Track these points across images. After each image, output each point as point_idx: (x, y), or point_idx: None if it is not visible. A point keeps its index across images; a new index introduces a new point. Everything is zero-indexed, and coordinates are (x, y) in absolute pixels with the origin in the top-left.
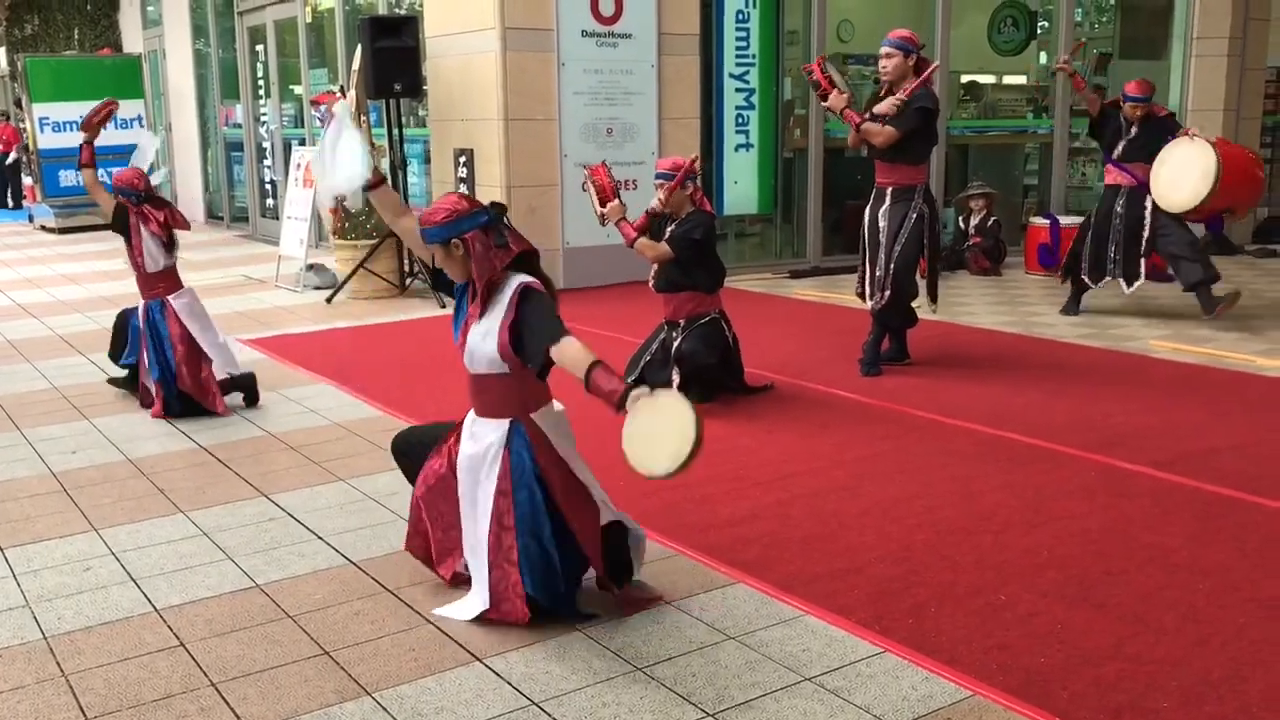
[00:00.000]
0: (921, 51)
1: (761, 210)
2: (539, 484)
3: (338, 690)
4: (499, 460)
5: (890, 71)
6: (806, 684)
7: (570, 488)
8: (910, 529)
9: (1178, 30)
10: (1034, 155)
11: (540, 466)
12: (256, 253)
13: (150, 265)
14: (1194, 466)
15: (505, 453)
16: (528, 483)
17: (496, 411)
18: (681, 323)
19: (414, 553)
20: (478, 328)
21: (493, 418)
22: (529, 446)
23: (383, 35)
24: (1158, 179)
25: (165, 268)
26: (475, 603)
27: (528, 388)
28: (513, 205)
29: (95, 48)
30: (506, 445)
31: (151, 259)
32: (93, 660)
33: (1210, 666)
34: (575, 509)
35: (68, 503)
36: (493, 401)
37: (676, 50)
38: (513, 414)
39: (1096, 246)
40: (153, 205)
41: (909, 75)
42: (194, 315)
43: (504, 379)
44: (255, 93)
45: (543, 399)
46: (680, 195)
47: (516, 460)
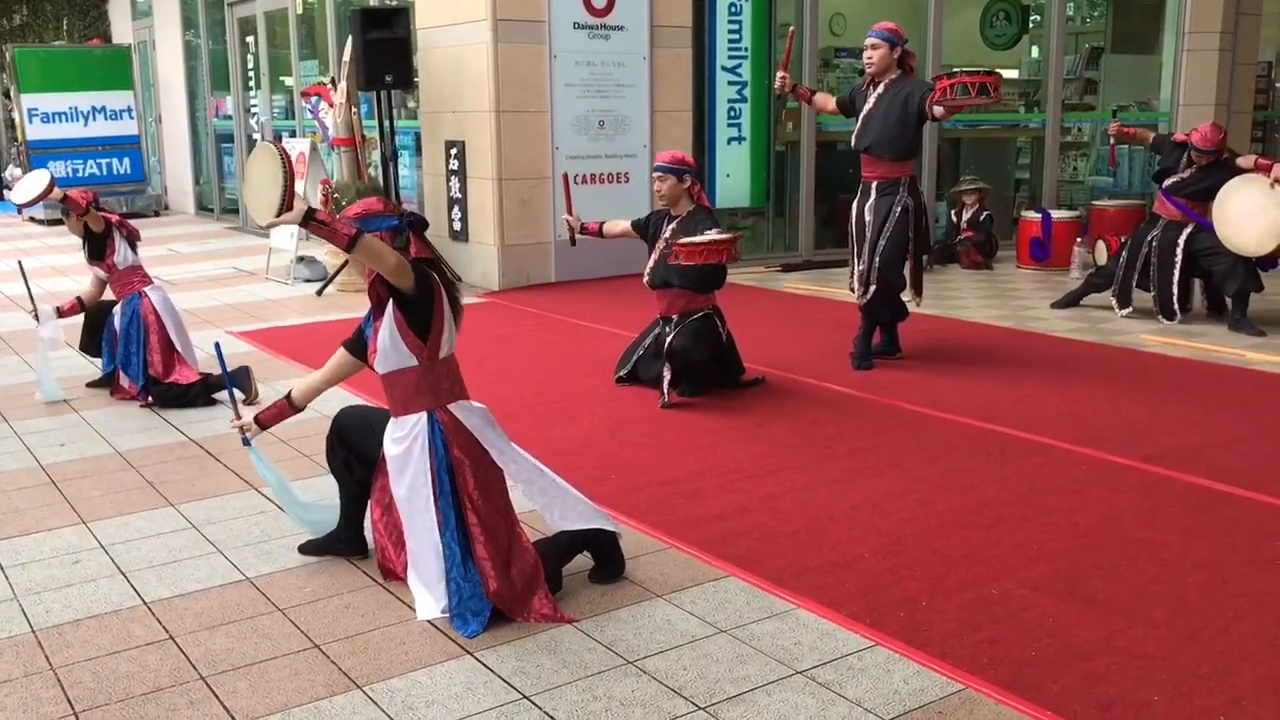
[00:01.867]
0: (906, 45)
1: (754, 203)
2: (448, 474)
3: (328, 683)
4: (424, 454)
5: (875, 63)
6: (798, 677)
7: (485, 482)
8: (901, 523)
9: (1170, 25)
10: (1026, 149)
11: (452, 459)
12: (247, 245)
13: (122, 262)
14: (1185, 461)
15: (427, 446)
16: (439, 473)
17: (408, 407)
18: (675, 318)
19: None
20: (380, 327)
21: (406, 413)
22: (443, 437)
23: (374, 27)
24: (1224, 213)
25: (135, 262)
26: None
27: (438, 379)
28: (504, 197)
29: (84, 38)
30: (427, 439)
31: (123, 256)
32: (81, 653)
33: (1200, 660)
34: (482, 506)
35: (56, 495)
36: (403, 397)
37: (669, 43)
38: (425, 406)
39: (1128, 270)
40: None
41: (892, 67)
42: (168, 310)
43: (412, 371)
44: (245, 84)
45: (457, 394)
46: (678, 189)
47: (435, 452)
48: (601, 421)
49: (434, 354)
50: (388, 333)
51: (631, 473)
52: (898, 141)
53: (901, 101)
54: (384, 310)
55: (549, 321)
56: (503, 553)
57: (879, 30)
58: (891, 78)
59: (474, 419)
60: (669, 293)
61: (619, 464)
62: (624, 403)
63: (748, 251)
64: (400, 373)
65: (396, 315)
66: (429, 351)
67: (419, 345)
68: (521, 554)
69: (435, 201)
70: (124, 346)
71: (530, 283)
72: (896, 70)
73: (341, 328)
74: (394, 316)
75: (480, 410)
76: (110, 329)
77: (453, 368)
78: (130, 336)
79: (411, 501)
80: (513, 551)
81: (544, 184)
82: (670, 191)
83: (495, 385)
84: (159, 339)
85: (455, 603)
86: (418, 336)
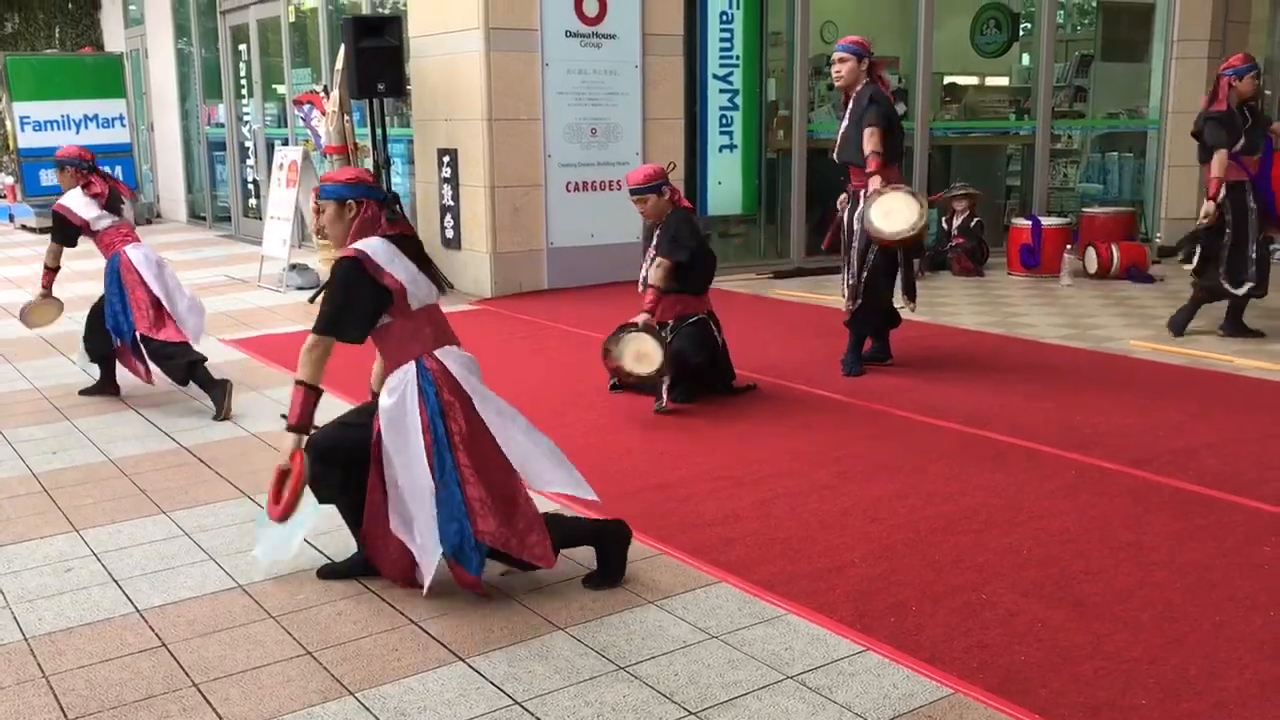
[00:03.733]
0: (873, 57)
1: (745, 211)
2: (441, 419)
3: (320, 690)
4: (414, 399)
5: (844, 76)
6: (788, 682)
7: (476, 427)
8: (891, 528)
9: (1159, 32)
10: (1016, 156)
11: (443, 403)
12: (239, 253)
13: (97, 224)
14: (1173, 466)
15: (417, 391)
16: (432, 419)
17: (398, 357)
18: (670, 323)
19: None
20: None
21: (397, 365)
22: (433, 384)
23: (366, 35)
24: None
25: (113, 224)
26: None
27: (419, 327)
28: (497, 205)
29: (77, 46)
30: (417, 384)
31: (97, 220)
32: (74, 661)
33: (1187, 664)
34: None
35: (49, 503)
36: (392, 349)
37: (660, 51)
38: (414, 354)
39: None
40: (98, 176)
41: (861, 79)
42: (149, 263)
43: (393, 326)
44: (238, 92)
45: (442, 340)
46: (660, 203)
47: (426, 398)
48: (593, 428)
49: (405, 310)
50: None
51: (623, 479)
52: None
53: (860, 112)
54: None
55: (541, 329)
56: (500, 500)
57: (845, 44)
58: (858, 89)
59: (457, 366)
60: (664, 298)
61: (610, 470)
62: (615, 409)
63: (739, 259)
64: (384, 330)
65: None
66: (399, 309)
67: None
68: (525, 507)
69: (428, 209)
70: (109, 306)
71: (523, 290)
72: (865, 80)
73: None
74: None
75: (464, 358)
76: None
77: (435, 316)
78: (112, 294)
79: (408, 450)
80: (516, 505)
81: (536, 192)
82: (654, 209)
83: None
84: (143, 295)
85: (458, 542)
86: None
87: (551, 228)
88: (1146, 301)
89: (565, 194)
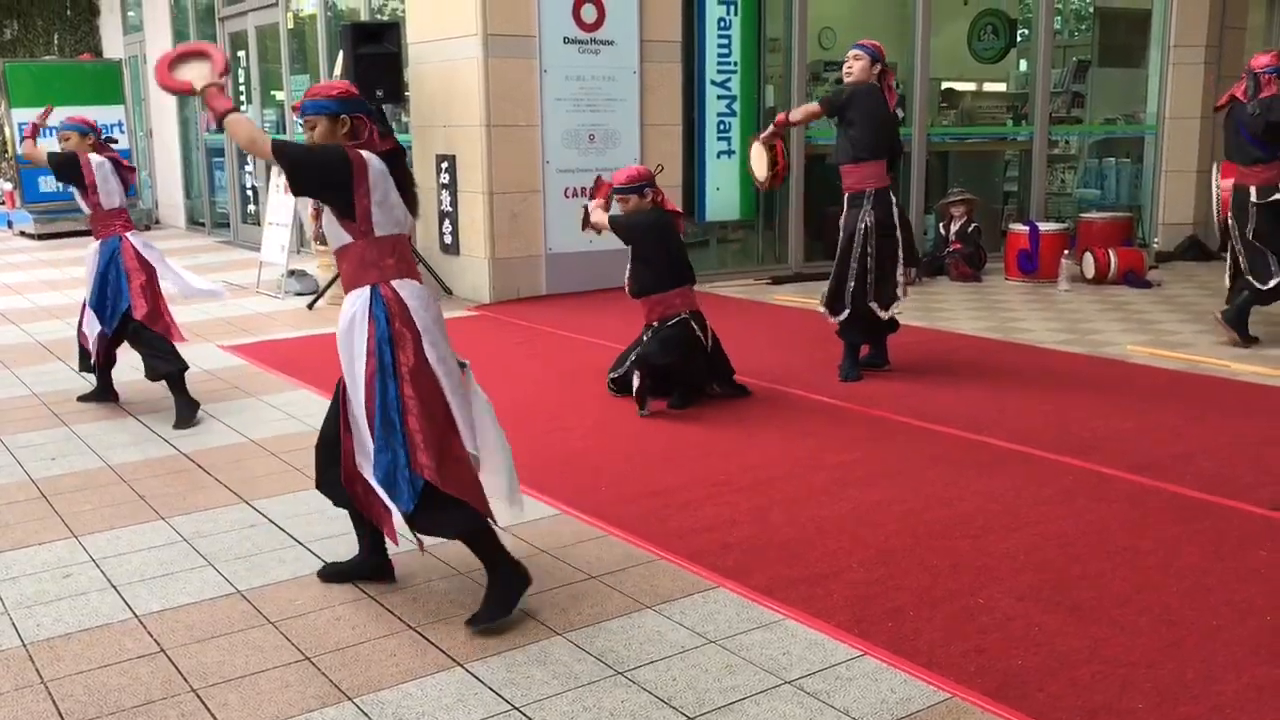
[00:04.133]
0: (885, 63)
1: (743, 216)
2: (389, 346)
3: (319, 696)
4: (365, 323)
5: (854, 73)
6: (786, 687)
7: (418, 369)
8: (889, 533)
9: (1156, 38)
10: (1014, 162)
11: (394, 331)
12: (238, 259)
13: (106, 201)
14: (1170, 470)
15: (368, 316)
16: (379, 344)
17: (355, 281)
18: (655, 325)
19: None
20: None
21: (354, 288)
22: (385, 310)
23: (365, 41)
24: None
25: (120, 205)
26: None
27: (382, 254)
28: (495, 211)
29: (75, 53)
30: (369, 309)
31: (107, 195)
32: (72, 667)
33: (1184, 668)
34: (420, 384)
35: (47, 509)
36: (350, 271)
37: (658, 57)
38: (371, 280)
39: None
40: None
41: (870, 80)
42: (151, 250)
43: (355, 247)
44: (237, 99)
45: (404, 273)
46: (639, 203)
47: (376, 324)
48: (591, 433)
49: (368, 230)
50: (326, 214)
51: (621, 484)
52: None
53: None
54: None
55: (539, 334)
56: (438, 445)
57: (863, 45)
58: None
59: (413, 300)
60: (647, 300)
61: (609, 475)
62: (614, 414)
63: (737, 264)
64: (344, 249)
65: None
66: (362, 228)
67: (350, 224)
68: (455, 467)
69: (426, 215)
70: (97, 289)
71: (521, 296)
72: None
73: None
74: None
75: (421, 292)
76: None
77: (400, 246)
78: (107, 279)
79: (354, 375)
80: (449, 455)
81: (534, 198)
82: (633, 209)
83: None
84: (145, 283)
85: (390, 469)
86: (345, 216)
87: (550, 234)
88: (1144, 306)
89: (564, 200)
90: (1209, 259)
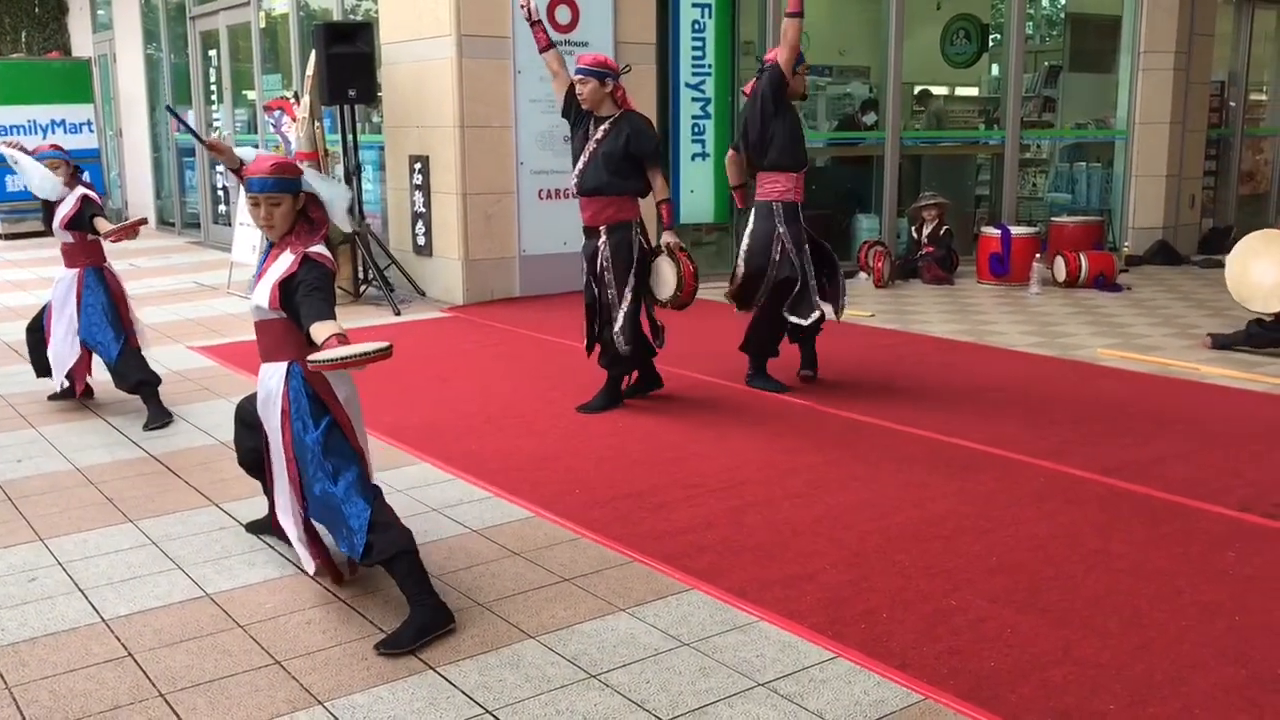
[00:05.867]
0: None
1: (717, 219)
2: (311, 418)
3: (289, 700)
4: (280, 399)
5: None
6: (760, 689)
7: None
8: (862, 535)
9: (1126, 44)
10: (986, 166)
11: (317, 399)
12: (208, 259)
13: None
14: (1140, 473)
15: (285, 390)
16: (301, 416)
17: (275, 355)
18: (602, 229)
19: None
20: (265, 278)
21: (272, 361)
22: (304, 384)
23: (337, 41)
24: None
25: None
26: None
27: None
28: (468, 212)
29: (43, 51)
30: (285, 383)
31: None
32: (37, 672)
33: (1154, 669)
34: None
35: (13, 512)
36: (271, 345)
37: (633, 59)
38: (290, 356)
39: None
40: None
41: (606, 100)
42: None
43: (280, 322)
44: (208, 98)
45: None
46: (600, 92)
47: (294, 396)
48: (565, 435)
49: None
50: (264, 288)
51: (595, 486)
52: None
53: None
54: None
55: (513, 336)
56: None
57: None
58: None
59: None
60: (596, 201)
61: (582, 478)
62: (588, 417)
63: (712, 266)
64: (269, 322)
65: (277, 290)
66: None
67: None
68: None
69: (399, 216)
70: (93, 316)
71: (494, 297)
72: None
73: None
74: (274, 289)
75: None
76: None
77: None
78: (101, 305)
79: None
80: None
81: (508, 199)
82: (591, 95)
83: (458, 400)
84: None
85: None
86: (284, 307)
87: (524, 235)
88: (1115, 310)
89: (538, 201)
90: (1178, 263)
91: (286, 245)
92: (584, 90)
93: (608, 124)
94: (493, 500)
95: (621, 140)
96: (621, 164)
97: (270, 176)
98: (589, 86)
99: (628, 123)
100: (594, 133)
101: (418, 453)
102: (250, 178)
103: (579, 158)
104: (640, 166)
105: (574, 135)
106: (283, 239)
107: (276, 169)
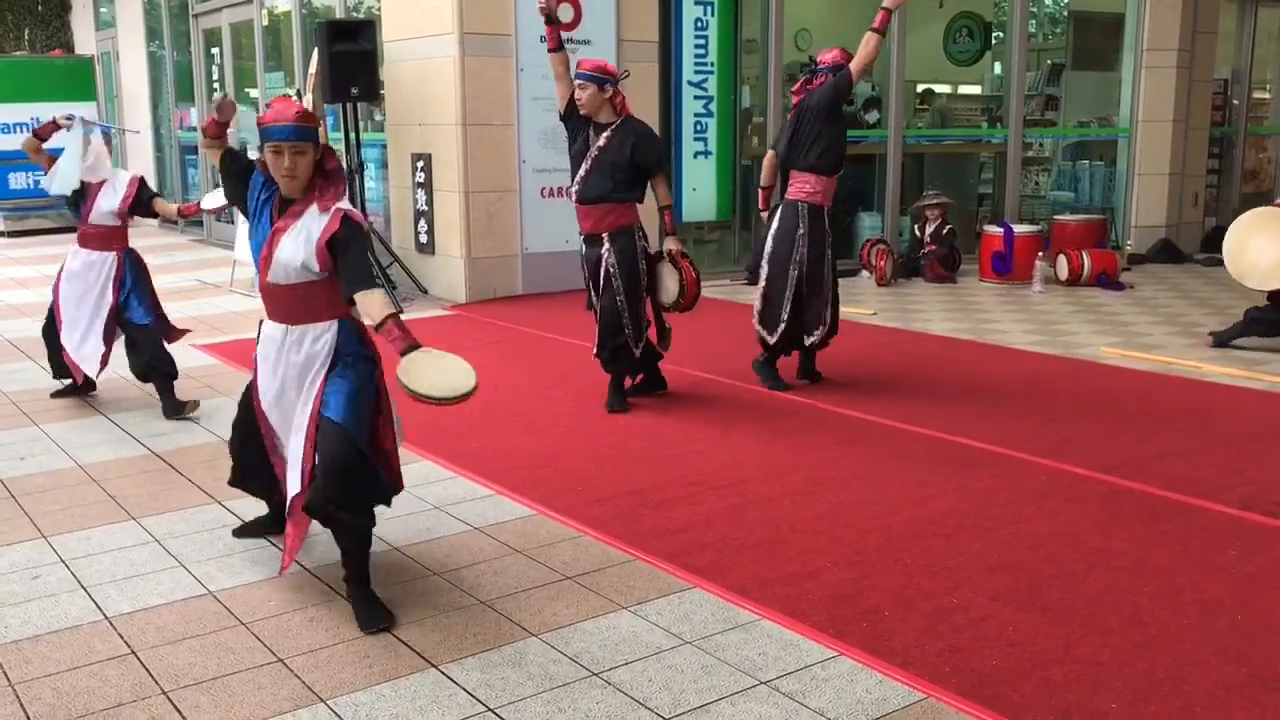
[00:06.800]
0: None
1: (720, 217)
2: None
3: (292, 697)
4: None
5: (584, 103)
6: (762, 687)
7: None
8: (863, 533)
9: (1128, 42)
10: (989, 164)
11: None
12: (211, 257)
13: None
14: (1141, 471)
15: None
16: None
17: (318, 315)
18: (604, 236)
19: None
20: (292, 237)
21: (318, 321)
22: (360, 339)
23: (340, 39)
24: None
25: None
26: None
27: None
28: (471, 210)
29: (46, 48)
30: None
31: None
32: (41, 669)
33: (1154, 667)
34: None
35: (16, 510)
36: (313, 306)
37: (635, 57)
38: (337, 314)
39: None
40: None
41: (605, 106)
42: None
43: (323, 283)
44: (210, 96)
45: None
46: (599, 97)
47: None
48: (566, 433)
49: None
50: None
51: (596, 484)
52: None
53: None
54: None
55: (515, 334)
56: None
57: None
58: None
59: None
60: (598, 209)
61: (584, 476)
62: (589, 415)
63: (714, 265)
64: (311, 285)
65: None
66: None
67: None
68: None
69: (401, 214)
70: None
71: (497, 295)
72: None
73: None
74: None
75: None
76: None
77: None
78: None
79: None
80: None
81: (510, 197)
82: (590, 100)
83: None
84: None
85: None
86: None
87: (526, 233)
88: (1117, 308)
89: (540, 199)
90: (1181, 261)
91: (311, 200)
92: (583, 95)
93: (609, 131)
94: (494, 498)
95: (627, 149)
96: (627, 172)
97: (297, 124)
98: (588, 92)
99: (631, 130)
100: (595, 140)
101: (420, 450)
102: (274, 125)
103: (579, 166)
104: (643, 174)
105: (572, 142)
106: (305, 194)
107: (301, 116)
